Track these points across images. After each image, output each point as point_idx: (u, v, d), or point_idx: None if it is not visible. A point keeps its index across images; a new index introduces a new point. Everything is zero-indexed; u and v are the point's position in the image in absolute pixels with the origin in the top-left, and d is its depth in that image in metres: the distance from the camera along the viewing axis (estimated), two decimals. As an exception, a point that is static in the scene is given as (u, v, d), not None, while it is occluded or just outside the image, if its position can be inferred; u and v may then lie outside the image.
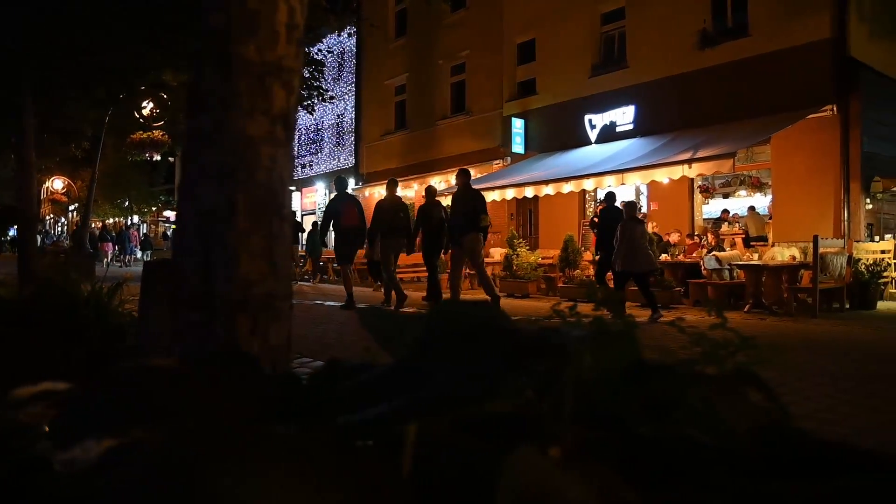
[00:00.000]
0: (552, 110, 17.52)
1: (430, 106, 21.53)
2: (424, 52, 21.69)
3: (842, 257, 10.73)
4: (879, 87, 13.30)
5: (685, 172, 11.79)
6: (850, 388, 4.63)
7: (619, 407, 0.90)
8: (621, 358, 0.98)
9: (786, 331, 8.07)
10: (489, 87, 19.45)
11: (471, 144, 19.69)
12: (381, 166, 23.00)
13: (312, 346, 5.79)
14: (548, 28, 17.69)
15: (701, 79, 14.42)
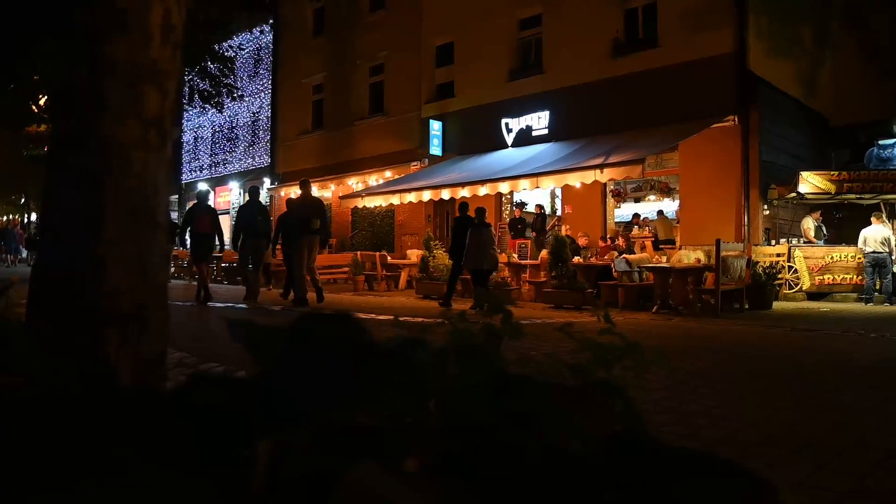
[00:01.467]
0: (470, 113, 17.66)
1: (348, 106, 21.30)
2: (342, 51, 21.45)
3: (742, 260, 11.26)
4: (775, 101, 14.09)
5: (597, 177, 12.10)
6: (724, 390, 4.81)
7: (486, 418, 0.91)
8: (484, 370, 0.99)
9: (689, 331, 8.36)
10: (407, 89, 19.42)
11: (389, 146, 19.60)
12: (298, 166, 22.58)
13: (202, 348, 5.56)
14: (466, 31, 17.83)
15: (614, 87, 14.85)
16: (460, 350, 1.07)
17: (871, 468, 2.92)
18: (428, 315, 1.35)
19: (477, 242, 10.34)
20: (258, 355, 1.01)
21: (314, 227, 10.48)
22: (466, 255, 10.51)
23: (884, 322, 9.19)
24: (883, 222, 12.28)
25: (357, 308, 10.66)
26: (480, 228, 10.52)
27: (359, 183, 19.82)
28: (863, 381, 4.88)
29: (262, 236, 11.09)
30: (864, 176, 13.31)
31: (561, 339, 1.33)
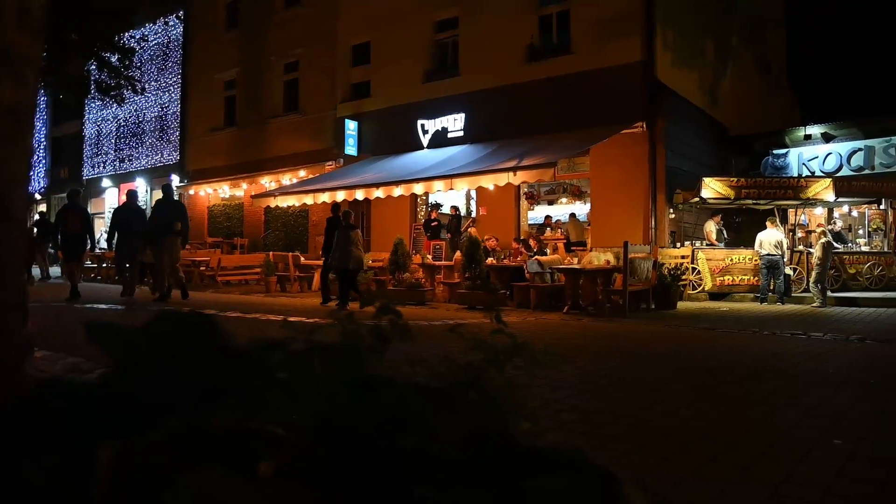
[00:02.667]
0: (386, 113, 17.54)
1: (262, 103, 20.77)
2: (256, 47, 20.90)
3: (648, 262, 11.63)
4: (680, 110, 14.67)
5: (510, 180, 12.23)
6: (628, 388, 4.92)
7: (348, 420, 0.91)
8: (349, 372, 0.99)
9: (598, 330, 8.54)
10: (323, 88, 19.11)
11: (303, 144, 19.23)
12: (209, 163, 21.86)
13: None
14: (383, 31, 17.71)
15: (528, 91, 15.07)
16: (325, 352, 1.04)
17: (757, 457, 3.01)
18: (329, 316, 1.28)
19: (342, 243, 10.97)
20: (115, 357, 0.97)
21: (176, 228, 11.07)
22: (332, 254, 11.21)
23: (776, 320, 9.67)
24: (777, 226, 12.96)
25: (253, 308, 10.40)
26: (346, 230, 11.13)
27: (272, 182, 19.36)
28: (756, 377, 5.08)
29: (137, 235, 11.49)
30: (760, 183, 14.02)
31: (449, 340, 1.32)
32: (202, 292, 14.43)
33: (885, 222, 15.30)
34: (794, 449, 3.16)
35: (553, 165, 11.72)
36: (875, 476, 2.78)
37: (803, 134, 16.68)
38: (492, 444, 0.93)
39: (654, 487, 2.63)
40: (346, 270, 11.18)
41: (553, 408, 3.99)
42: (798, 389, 4.57)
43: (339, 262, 11.10)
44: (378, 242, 16.91)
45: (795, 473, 2.81)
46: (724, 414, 3.86)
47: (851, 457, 3.05)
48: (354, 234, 11.24)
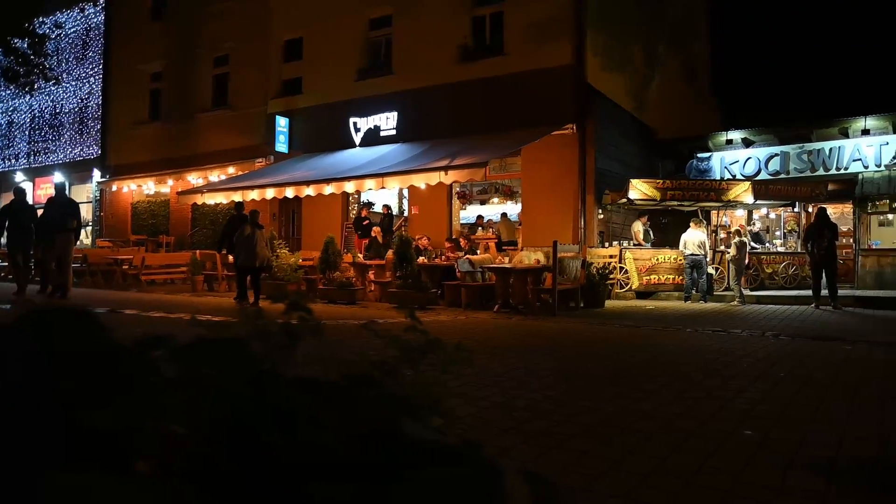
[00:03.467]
0: (318, 111, 17.29)
1: (190, 97, 20.13)
2: (185, 38, 20.24)
3: (577, 261, 11.83)
4: (610, 113, 15.00)
5: (442, 179, 12.23)
6: (554, 384, 4.97)
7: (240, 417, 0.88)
8: (242, 369, 0.97)
9: (527, 328, 8.63)
10: (254, 83, 18.69)
11: (233, 141, 18.75)
12: (133, 158, 21.05)
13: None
14: (316, 28, 17.46)
15: (461, 91, 15.12)
16: (212, 347, 1.01)
17: (673, 450, 3.08)
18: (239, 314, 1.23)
19: (248, 242, 11.11)
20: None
21: (70, 226, 11.02)
22: (237, 253, 11.39)
23: (698, 318, 9.98)
24: (700, 227, 13.39)
25: (177, 308, 10.07)
26: (253, 229, 11.24)
27: (200, 179, 18.82)
28: (676, 372, 5.21)
29: (29, 232, 11.37)
30: (685, 185, 14.47)
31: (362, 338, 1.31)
32: (124, 292, 13.90)
33: (798, 224, 16.02)
34: (709, 440, 3.25)
35: (484, 165, 11.79)
36: (779, 463, 2.88)
37: (725, 139, 17.30)
38: (388, 441, 0.91)
39: (557, 480, 2.65)
40: (253, 269, 11.34)
41: (480, 405, 4.00)
42: (715, 384, 4.71)
43: (244, 260, 11.25)
44: (309, 241, 16.64)
45: (708, 464, 2.88)
46: (644, 409, 3.93)
47: (760, 446, 3.15)
48: (261, 234, 11.37)
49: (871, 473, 2.88)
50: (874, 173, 15.76)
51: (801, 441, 3.27)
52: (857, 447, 3.20)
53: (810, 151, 16.42)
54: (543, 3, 14.36)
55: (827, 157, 16.23)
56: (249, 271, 11.44)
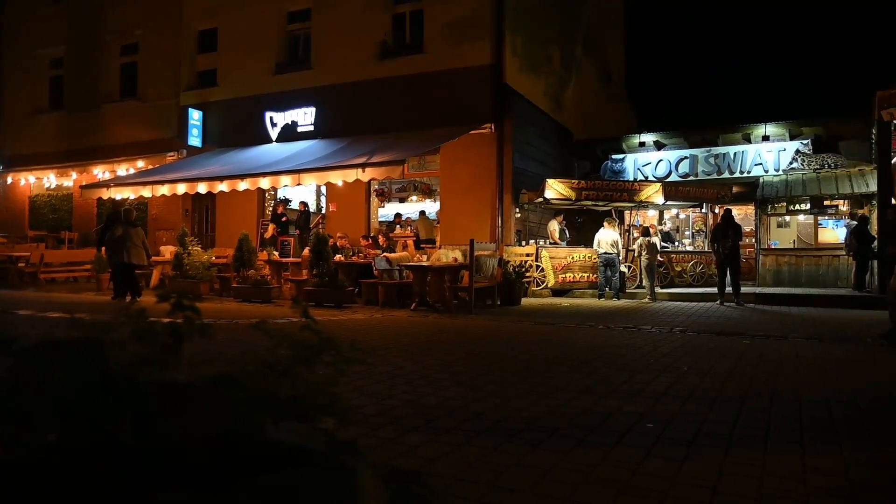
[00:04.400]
0: (233, 104, 16.80)
1: (95, 86, 19.10)
2: (89, 23, 19.18)
3: (494, 259, 11.93)
4: (527, 113, 15.22)
5: (359, 176, 12.09)
6: (465, 381, 4.98)
7: (87, 421, 0.86)
8: (91, 371, 0.93)
9: (444, 326, 8.62)
10: (165, 73, 17.96)
11: (142, 133, 17.96)
12: (31, 149, 19.82)
13: None
14: (232, 18, 16.95)
15: (380, 88, 15.01)
16: (61, 349, 0.96)
17: (577, 443, 3.11)
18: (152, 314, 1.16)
19: (118, 242, 11.19)
20: None
21: None
22: (111, 253, 11.48)
23: (611, 315, 10.24)
24: (613, 227, 13.75)
25: (77, 308, 9.57)
26: (125, 228, 11.34)
27: (106, 172, 17.95)
28: (586, 368, 5.30)
29: None
30: (599, 185, 14.83)
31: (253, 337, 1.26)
32: (19, 291, 13.12)
33: (705, 224, 16.70)
34: (612, 434, 3.30)
35: (402, 163, 11.72)
36: (676, 454, 2.95)
37: (638, 141, 17.85)
38: (244, 443, 0.88)
39: (458, 477, 2.63)
40: (129, 265, 11.38)
41: (390, 403, 3.95)
42: (622, 378, 4.82)
43: (118, 258, 11.29)
44: (223, 238, 16.15)
45: (610, 456, 2.92)
46: (552, 403, 3.97)
47: (659, 439, 3.23)
48: (135, 232, 11.49)
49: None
50: (773, 177, 16.60)
51: (697, 432, 3.36)
52: (748, 433, 3.31)
53: (717, 155, 17.16)
54: (463, 2, 14.44)
55: (732, 161, 16.99)
56: (123, 270, 11.40)
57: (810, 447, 3.13)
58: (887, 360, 6.15)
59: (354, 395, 4.09)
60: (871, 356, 6.36)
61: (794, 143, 16.69)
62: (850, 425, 3.58)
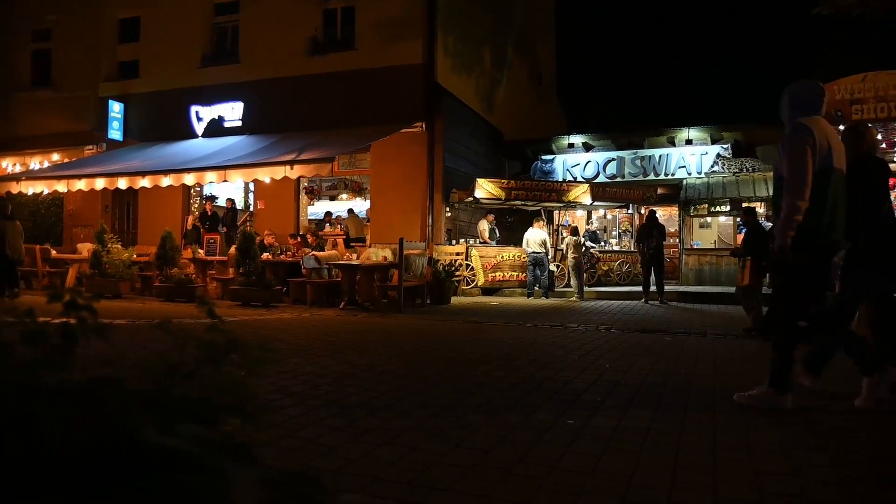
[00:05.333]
0: (157, 97, 16.24)
1: (3, 73, 18.08)
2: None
3: (424, 258, 11.93)
4: (458, 113, 15.29)
5: (287, 173, 11.87)
6: (389, 381, 4.96)
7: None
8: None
9: (372, 325, 8.55)
10: (83, 63, 17.17)
11: (58, 124, 17.11)
12: (-66, 139, 18.62)
13: None
14: (155, 7, 16.39)
15: (311, 84, 14.79)
16: None
17: (498, 441, 3.12)
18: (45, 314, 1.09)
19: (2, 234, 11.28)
20: None
21: None
22: None
23: (539, 313, 10.38)
24: (542, 226, 13.96)
25: None
26: (2, 222, 11.37)
27: (17, 165, 17.07)
28: (511, 366, 5.35)
29: None
30: (528, 185, 15.04)
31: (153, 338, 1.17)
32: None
33: (631, 225, 17.15)
34: (534, 431, 3.33)
35: (331, 161, 11.58)
36: (595, 451, 3.00)
37: (567, 142, 18.19)
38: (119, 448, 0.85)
39: (381, 477, 2.61)
40: (6, 259, 11.36)
41: (314, 403, 3.88)
42: (546, 375, 4.88)
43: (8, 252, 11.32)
44: (146, 236, 15.58)
45: (530, 454, 2.94)
46: (475, 402, 3.98)
47: (578, 435, 3.28)
48: (12, 225, 11.52)
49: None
50: (696, 180, 17.19)
51: (616, 427, 3.43)
52: (664, 428, 3.40)
53: (643, 157, 17.64)
54: (395, 0, 14.36)
55: (657, 164, 17.50)
56: (10, 264, 11.42)
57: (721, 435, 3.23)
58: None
59: (278, 396, 4.00)
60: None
61: (716, 147, 17.33)
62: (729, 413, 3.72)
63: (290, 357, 5.61)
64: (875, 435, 3.51)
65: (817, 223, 3.80)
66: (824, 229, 3.83)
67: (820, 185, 3.80)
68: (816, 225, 3.80)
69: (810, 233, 3.80)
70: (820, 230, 3.82)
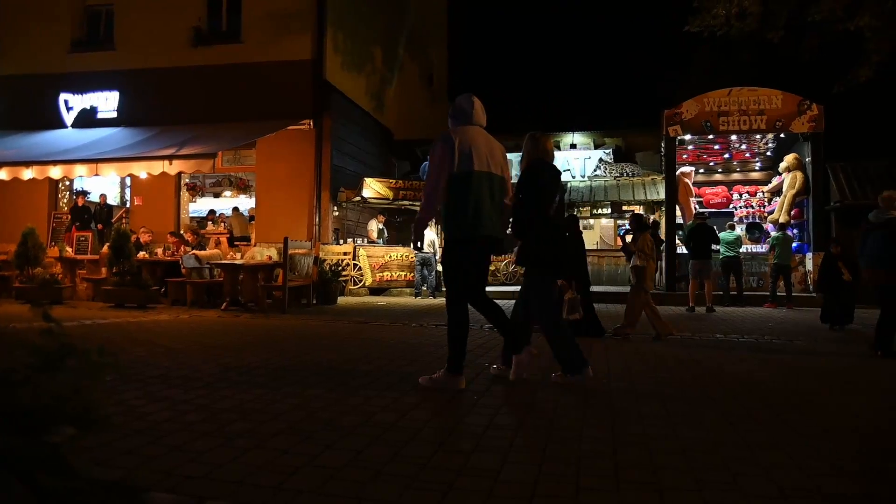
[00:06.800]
0: (18, 82, 15.07)
1: None
2: None
3: (310, 258, 11.74)
4: (347, 111, 15.16)
5: (166, 169, 11.37)
6: (266, 383, 4.88)
7: None
8: None
9: (254, 326, 8.33)
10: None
11: None
12: None
13: None
14: (18, -17, 15.22)
15: (193, 76, 14.25)
16: None
17: (372, 441, 3.12)
18: None
19: None
20: None
21: None
22: None
23: (425, 313, 10.46)
24: (430, 227, 14.07)
25: None
26: None
27: None
28: (391, 366, 5.36)
29: None
30: (417, 185, 15.13)
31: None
32: None
33: (517, 226, 17.60)
34: (407, 431, 3.35)
35: (213, 157, 11.19)
36: (465, 447, 3.05)
37: (457, 144, 18.40)
38: None
39: (245, 482, 2.55)
40: None
41: (183, 408, 3.74)
42: (427, 375, 4.91)
43: None
44: (6, 233, 14.40)
45: (401, 453, 2.96)
46: (353, 403, 3.96)
47: (451, 433, 3.33)
48: None
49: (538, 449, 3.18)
50: (580, 183, 17.89)
51: (488, 425, 3.51)
52: (535, 423, 3.51)
53: (529, 160, 18.12)
54: (284, -6, 14.06)
55: (542, 167, 18.05)
56: None
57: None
58: (662, 350, 6.82)
59: (144, 402, 3.83)
60: (653, 348, 7.04)
61: (598, 152, 18.10)
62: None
63: (163, 360, 5.38)
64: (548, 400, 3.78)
65: (462, 218, 4.27)
66: (469, 224, 4.28)
67: (460, 185, 4.26)
68: (461, 220, 4.28)
69: (456, 227, 4.30)
70: (464, 225, 4.28)
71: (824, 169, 14.58)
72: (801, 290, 14.14)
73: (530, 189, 4.68)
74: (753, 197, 17.16)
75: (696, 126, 14.71)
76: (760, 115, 14.43)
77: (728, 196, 17.25)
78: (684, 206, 15.78)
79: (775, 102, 14.41)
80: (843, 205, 13.82)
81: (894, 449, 3.27)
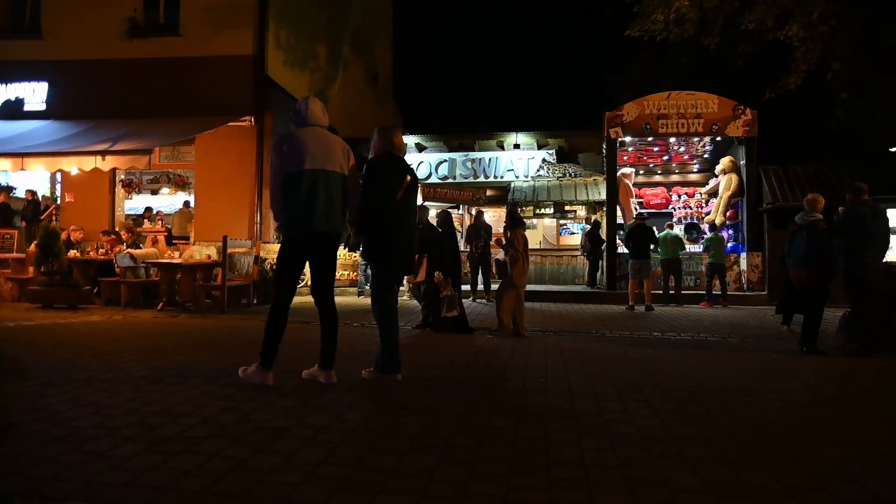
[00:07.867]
0: (-65, 70, 14.34)
1: None
2: None
3: (250, 257, 11.52)
4: (289, 107, 14.78)
5: (98, 164, 10.98)
6: (196, 385, 4.77)
7: None
8: None
9: (191, 327, 8.13)
10: None
11: None
12: None
13: None
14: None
15: (129, 68, 13.81)
16: None
17: (304, 443, 3.07)
18: None
19: None
20: None
21: None
22: None
23: (367, 313, 10.30)
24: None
25: None
26: None
27: None
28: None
29: None
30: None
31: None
32: None
33: (462, 225, 17.67)
34: (339, 432, 3.31)
35: (148, 153, 10.87)
36: (399, 447, 3.03)
37: (401, 143, 18.34)
38: None
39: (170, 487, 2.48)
40: None
41: (110, 412, 3.62)
42: (356, 370, 4.89)
43: None
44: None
45: (336, 454, 2.93)
46: (285, 405, 3.91)
47: (383, 434, 3.30)
48: None
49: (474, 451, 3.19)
50: (523, 182, 18.05)
51: (424, 425, 3.50)
52: (460, 423, 3.52)
53: (474, 160, 18.24)
54: (224, -13, 13.76)
55: (487, 166, 18.17)
56: None
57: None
58: (600, 349, 6.93)
59: (68, 407, 3.69)
60: (591, 345, 7.15)
61: (542, 152, 18.29)
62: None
63: (90, 363, 5.19)
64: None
65: (292, 215, 4.41)
66: (299, 220, 4.40)
67: (290, 184, 4.40)
68: (291, 217, 4.41)
69: (285, 224, 4.46)
70: (294, 221, 4.41)
71: (757, 172, 15.07)
72: (736, 288, 14.59)
73: (368, 183, 4.73)
74: (692, 198, 17.65)
75: (636, 128, 15.02)
76: (698, 118, 14.83)
77: (667, 197, 17.68)
78: (625, 207, 16.10)
79: (712, 107, 14.83)
80: (774, 206, 14.31)
81: (814, 441, 3.39)
